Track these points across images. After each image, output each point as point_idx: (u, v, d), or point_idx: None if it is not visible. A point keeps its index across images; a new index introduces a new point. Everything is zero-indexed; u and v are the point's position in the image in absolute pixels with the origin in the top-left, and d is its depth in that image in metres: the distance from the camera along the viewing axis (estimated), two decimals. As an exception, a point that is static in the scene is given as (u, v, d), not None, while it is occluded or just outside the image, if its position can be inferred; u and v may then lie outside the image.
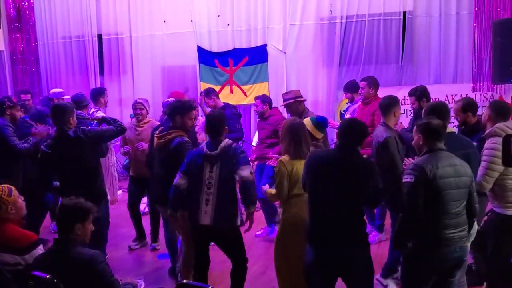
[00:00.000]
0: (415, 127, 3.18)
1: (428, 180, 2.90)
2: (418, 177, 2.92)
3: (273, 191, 3.67)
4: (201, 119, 5.78)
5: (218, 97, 6.14)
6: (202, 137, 5.08)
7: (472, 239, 3.44)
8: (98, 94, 6.03)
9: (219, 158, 3.63)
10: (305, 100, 5.56)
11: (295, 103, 5.21)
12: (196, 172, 3.67)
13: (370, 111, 5.41)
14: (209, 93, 6.14)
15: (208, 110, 5.73)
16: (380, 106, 4.42)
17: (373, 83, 5.62)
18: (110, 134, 4.36)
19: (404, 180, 2.99)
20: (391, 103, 4.29)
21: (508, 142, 2.26)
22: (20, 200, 3.04)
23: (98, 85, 8.88)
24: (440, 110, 3.65)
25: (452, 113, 4.10)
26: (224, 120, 3.85)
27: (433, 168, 2.92)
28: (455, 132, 3.55)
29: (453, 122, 4.73)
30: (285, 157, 3.57)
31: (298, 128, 3.60)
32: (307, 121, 3.97)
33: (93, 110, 5.79)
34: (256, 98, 5.81)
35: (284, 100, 5.32)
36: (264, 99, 5.70)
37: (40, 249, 2.88)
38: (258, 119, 5.81)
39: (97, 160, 4.37)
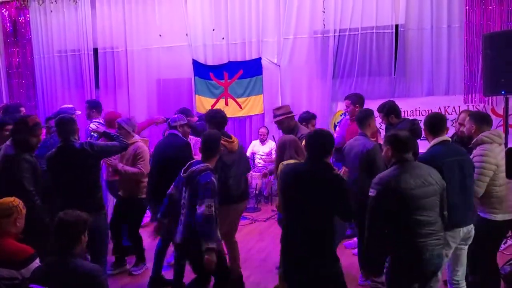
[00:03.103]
0: (384, 139, 3.29)
1: (393, 192, 2.98)
2: (380, 191, 3.00)
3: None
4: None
5: (192, 115, 6.18)
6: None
7: (470, 242, 3.56)
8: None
9: (187, 182, 3.60)
10: (295, 115, 5.56)
11: (286, 119, 5.22)
12: (179, 191, 3.70)
13: (356, 130, 5.51)
14: (185, 112, 5.92)
15: None
16: (356, 119, 4.63)
17: (357, 100, 5.70)
18: (114, 150, 4.32)
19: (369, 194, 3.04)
20: (365, 116, 4.52)
21: (511, 154, 2.29)
22: (23, 220, 3.09)
23: (94, 99, 8.93)
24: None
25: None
26: (218, 141, 3.78)
27: (399, 179, 3.00)
28: (449, 140, 3.62)
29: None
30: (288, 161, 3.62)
31: (287, 143, 3.71)
32: None
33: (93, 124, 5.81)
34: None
35: (275, 116, 5.28)
36: None
37: (36, 263, 2.88)
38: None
39: (99, 172, 4.35)
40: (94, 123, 5.88)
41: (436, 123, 3.62)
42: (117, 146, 4.27)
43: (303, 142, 4.02)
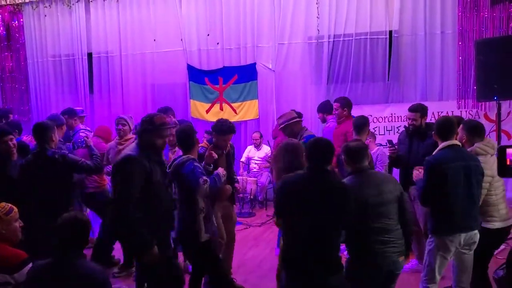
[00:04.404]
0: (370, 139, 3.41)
1: (357, 200, 3.02)
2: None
3: None
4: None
5: (174, 115, 6.25)
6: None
7: (474, 247, 3.56)
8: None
9: (173, 176, 3.71)
10: (299, 120, 5.53)
11: (288, 125, 5.20)
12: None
13: (342, 131, 5.54)
14: (167, 111, 6.15)
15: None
16: (354, 125, 4.68)
17: (346, 104, 5.76)
18: (83, 168, 4.27)
19: None
20: (365, 123, 4.60)
21: (503, 153, 2.31)
22: (15, 224, 3.01)
23: (88, 103, 8.91)
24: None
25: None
26: (191, 133, 3.90)
27: (358, 188, 3.07)
28: (459, 145, 3.63)
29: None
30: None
31: (293, 149, 3.58)
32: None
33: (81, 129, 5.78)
34: None
35: (279, 125, 5.32)
36: None
37: (30, 268, 2.86)
38: None
39: (69, 185, 4.29)
40: (83, 131, 5.82)
41: (445, 127, 3.62)
42: (90, 166, 4.29)
43: None
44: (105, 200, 5.09)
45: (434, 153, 3.61)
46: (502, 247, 5.22)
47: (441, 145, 3.58)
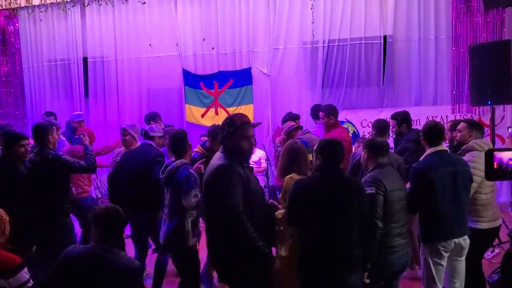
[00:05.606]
0: (361, 145, 3.52)
1: (385, 192, 3.16)
2: (378, 189, 3.16)
3: (280, 213, 3.33)
4: None
5: (161, 121, 6.36)
6: None
7: (465, 253, 3.58)
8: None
9: (167, 181, 3.77)
10: (297, 126, 5.60)
11: (288, 134, 5.31)
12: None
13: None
14: (154, 117, 6.29)
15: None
16: (375, 127, 4.71)
17: (332, 112, 5.74)
18: (77, 168, 4.32)
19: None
20: (386, 126, 4.66)
21: (490, 156, 2.32)
22: (8, 227, 3.04)
23: (83, 108, 8.87)
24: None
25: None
26: (184, 138, 3.97)
27: (387, 181, 3.20)
28: (446, 150, 3.66)
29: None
30: (294, 175, 3.46)
31: (297, 148, 3.60)
32: None
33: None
34: None
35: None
36: None
37: (25, 272, 2.84)
38: None
39: (65, 185, 4.35)
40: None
41: (433, 132, 3.63)
42: (83, 166, 4.33)
43: None
44: (88, 206, 4.82)
45: (421, 159, 3.64)
46: (496, 251, 5.26)
47: (428, 151, 3.59)
